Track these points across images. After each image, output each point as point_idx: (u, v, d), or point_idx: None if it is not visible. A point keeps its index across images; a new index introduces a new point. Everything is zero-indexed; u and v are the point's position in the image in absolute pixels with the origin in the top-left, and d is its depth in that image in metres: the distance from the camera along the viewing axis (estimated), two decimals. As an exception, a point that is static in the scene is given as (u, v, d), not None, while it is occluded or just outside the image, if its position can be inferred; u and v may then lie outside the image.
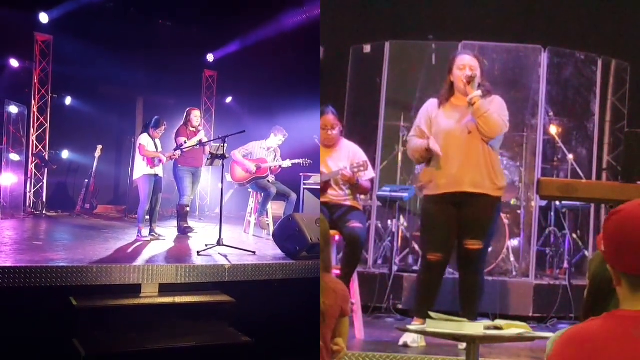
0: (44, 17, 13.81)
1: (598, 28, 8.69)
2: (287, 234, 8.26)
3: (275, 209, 11.73)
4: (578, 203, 7.78)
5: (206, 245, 8.40)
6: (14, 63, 14.01)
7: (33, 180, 14.20)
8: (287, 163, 10.87)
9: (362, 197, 7.44)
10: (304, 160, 10.77)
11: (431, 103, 6.31)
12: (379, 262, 8.47)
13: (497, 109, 6.05)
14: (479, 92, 6.00)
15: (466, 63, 6.10)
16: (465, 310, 6.08)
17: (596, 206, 8.27)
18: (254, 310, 7.15)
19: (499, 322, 4.40)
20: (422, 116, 6.32)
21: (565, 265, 7.99)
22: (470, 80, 6.01)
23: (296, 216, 8.33)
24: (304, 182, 12.42)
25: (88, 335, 6.08)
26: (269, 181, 10.88)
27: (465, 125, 6.06)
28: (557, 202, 8.14)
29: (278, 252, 8.48)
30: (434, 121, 6.19)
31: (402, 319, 7.28)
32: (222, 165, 9.24)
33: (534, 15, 8.91)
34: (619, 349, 2.03)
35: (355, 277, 6.57)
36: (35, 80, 14.35)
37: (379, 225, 8.63)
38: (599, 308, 2.76)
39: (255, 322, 6.83)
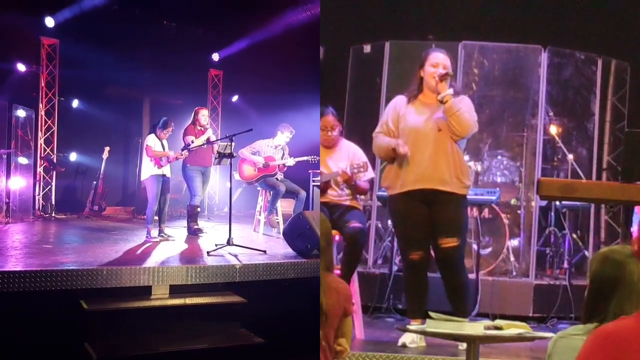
0: (49, 21, 13.88)
1: (598, 28, 8.69)
2: (297, 232, 8.27)
3: (285, 206, 11.67)
4: (578, 203, 7.80)
5: (216, 245, 8.42)
6: (21, 67, 14.08)
7: (42, 183, 14.30)
8: (291, 161, 10.83)
9: (362, 197, 7.46)
10: (312, 157, 10.70)
11: (399, 99, 6.28)
12: (379, 262, 8.47)
13: (466, 108, 6.04)
14: (451, 91, 5.99)
15: (440, 61, 6.09)
16: (456, 309, 6.02)
17: (596, 206, 8.29)
18: (266, 311, 7.17)
19: (499, 322, 4.40)
20: (389, 112, 6.28)
21: (565, 265, 8.01)
22: (443, 78, 6.00)
23: (306, 214, 8.34)
24: (313, 179, 12.30)
25: (99, 338, 6.16)
26: (277, 179, 10.86)
27: (434, 122, 6.04)
28: (557, 202, 8.13)
29: (289, 250, 8.50)
30: (402, 118, 6.16)
31: (402, 319, 7.26)
32: (230, 164, 9.27)
33: (534, 15, 8.89)
34: None
35: (355, 277, 6.58)
36: (43, 84, 14.47)
37: (379, 225, 8.63)
38: (599, 308, 2.82)
39: (268, 322, 6.87)
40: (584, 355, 2.14)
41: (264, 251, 8.44)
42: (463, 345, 5.20)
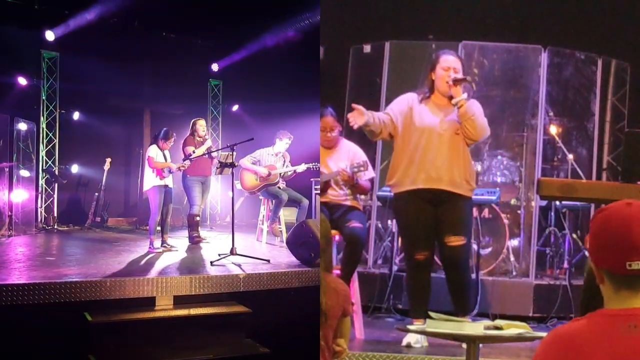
0: (50, 35, 13.92)
1: (598, 28, 8.66)
2: (301, 241, 8.26)
3: (287, 215, 11.67)
4: (578, 203, 7.78)
5: (219, 255, 8.42)
6: (22, 81, 14.13)
7: (44, 196, 14.35)
8: (302, 167, 10.76)
9: (362, 197, 7.47)
10: (313, 164, 10.69)
11: (411, 96, 6.30)
12: (379, 262, 8.46)
13: (479, 113, 6.11)
14: (465, 95, 6.05)
15: (450, 64, 6.13)
16: (458, 308, 6.11)
17: (596, 206, 8.25)
18: (271, 320, 7.11)
19: (499, 322, 4.41)
20: (400, 102, 6.32)
21: (565, 265, 8.00)
22: (457, 82, 6.05)
23: (309, 222, 8.33)
24: (315, 187, 12.31)
25: (103, 350, 6.13)
26: (279, 187, 10.84)
27: (448, 124, 6.10)
28: (557, 202, 8.13)
29: (292, 259, 8.48)
30: (416, 114, 6.19)
31: (402, 319, 7.31)
32: (232, 173, 9.30)
33: (534, 15, 8.86)
34: (604, 348, 2.05)
35: (355, 277, 6.60)
36: (43, 97, 14.51)
37: (379, 225, 8.62)
38: (592, 304, 2.82)
39: (273, 332, 6.80)
40: (539, 355, 2.18)
41: (268, 260, 8.42)
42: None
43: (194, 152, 10.28)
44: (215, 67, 17.15)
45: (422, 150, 6.11)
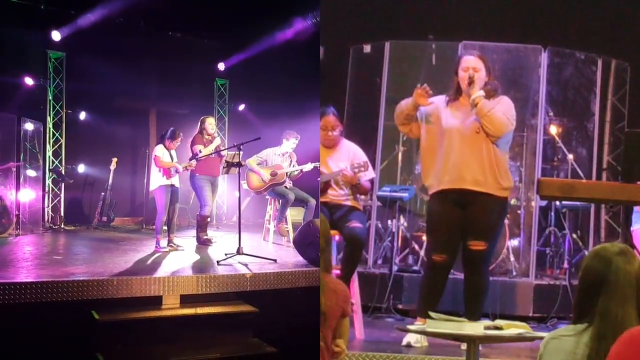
0: (56, 35, 13.93)
1: (598, 28, 8.70)
2: (308, 240, 8.24)
3: (294, 215, 11.63)
4: (578, 203, 7.80)
5: (226, 255, 8.43)
6: (29, 81, 14.14)
7: (50, 195, 14.37)
8: (309, 166, 10.74)
9: (362, 197, 7.48)
10: (319, 163, 10.68)
11: (440, 98, 6.33)
12: (379, 262, 8.52)
13: (503, 109, 6.09)
14: (481, 93, 6.07)
15: (469, 64, 6.15)
16: (469, 310, 6.11)
17: (596, 206, 8.30)
18: (278, 320, 7.14)
19: (499, 322, 4.43)
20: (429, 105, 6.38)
21: (565, 265, 8.02)
22: (471, 81, 6.09)
23: (316, 222, 8.20)
24: (321, 186, 12.31)
25: (111, 349, 6.19)
26: (286, 187, 10.84)
27: (470, 124, 6.11)
28: (557, 202, 8.16)
29: (299, 259, 8.48)
30: (441, 117, 6.24)
31: (402, 319, 7.35)
32: (239, 173, 9.31)
33: (534, 15, 8.90)
34: None
35: (355, 277, 6.62)
36: (50, 97, 14.54)
37: (379, 225, 8.67)
38: (587, 306, 2.84)
39: (279, 331, 6.82)
40: (613, 356, 2.20)
41: (275, 260, 8.43)
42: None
43: (200, 151, 10.24)
44: (221, 66, 17.11)
45: (445, 151, 6.16)
